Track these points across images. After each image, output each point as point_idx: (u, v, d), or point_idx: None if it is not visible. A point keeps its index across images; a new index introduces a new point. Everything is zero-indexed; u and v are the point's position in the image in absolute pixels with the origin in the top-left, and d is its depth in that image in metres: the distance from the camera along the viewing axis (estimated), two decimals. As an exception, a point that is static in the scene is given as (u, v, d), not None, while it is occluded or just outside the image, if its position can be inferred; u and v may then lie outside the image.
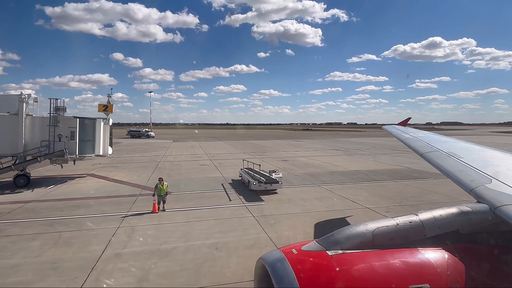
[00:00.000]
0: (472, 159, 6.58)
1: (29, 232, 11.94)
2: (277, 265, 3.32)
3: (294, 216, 13.68)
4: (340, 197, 17.11)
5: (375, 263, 3.43)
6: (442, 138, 9.84)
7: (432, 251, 3.66)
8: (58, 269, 8.88)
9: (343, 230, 3.74)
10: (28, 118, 20.63)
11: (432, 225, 3.83)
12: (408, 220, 3.82)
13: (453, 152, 7.26)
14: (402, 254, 3.58)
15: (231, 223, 12.79)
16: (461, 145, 8.69)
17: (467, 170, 5.88)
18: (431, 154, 7.61)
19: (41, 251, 10.13)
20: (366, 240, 3.60)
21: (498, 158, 6.97)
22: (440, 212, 3.94)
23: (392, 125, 14.61)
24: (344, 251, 3.48)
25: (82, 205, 15.79)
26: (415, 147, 8.95)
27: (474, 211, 4.03)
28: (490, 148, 7.98)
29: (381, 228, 3.70)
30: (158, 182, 14.73)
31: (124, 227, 12.37)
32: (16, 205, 15.90)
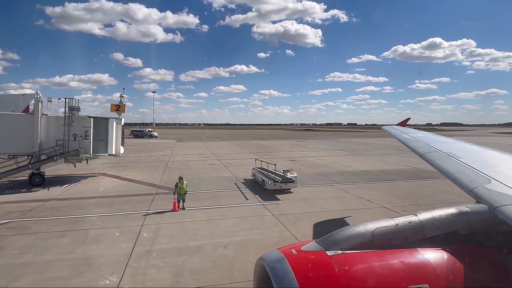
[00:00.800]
0: (471, 159, 6.61)
1: (55, 229, 12.13)
2: (277, 265, 3.33)
3: (314, 215, 13.88)
4: (355, 196, 17.32)
5: (375, 263, 3.44)
6: (441, 139, 9.87)
7: (431, 251, 3.67)
8: (93, 265, 9.08)
9: (342, 230, 3.75)
10: (43, 117, 20.83)
11: (432, 225, 3.83)
12: (408, 220, 3.83)
13: (452, 152, 7.30)
14: (401, 254, 3.59)
15: (253, 222, 12.99)
16: (460, 145, 8.73)
17: (466, 170, 5.90)
18: (430, 155, 7.65)
19: (72, 248, 10.33)
20: (365, 241, 3.60)
21: (497, 159, 7.01)
22: (439, 213, 3.95)
23: (391, 125, 14.67)
24: (344, 251, 3.49)
25: (102, 204, 15.99)
26: (414, 147, 8.98)
27: (473, 211, 4.04)
28: (489, 149, 8.02)
29: (380, 228, 3.70)
30: (178, 181, 14.91)
31: (148, 225, 12.56)
32: (36, 203, 16.09)
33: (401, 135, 11.09)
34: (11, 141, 20.14)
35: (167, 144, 61.71)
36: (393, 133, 12.16)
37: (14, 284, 7.99)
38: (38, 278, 8.33)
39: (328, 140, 76.02)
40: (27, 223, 12.99)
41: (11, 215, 13.99)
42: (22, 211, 14.68)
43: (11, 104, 21.71)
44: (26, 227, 12.48)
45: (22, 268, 8.86)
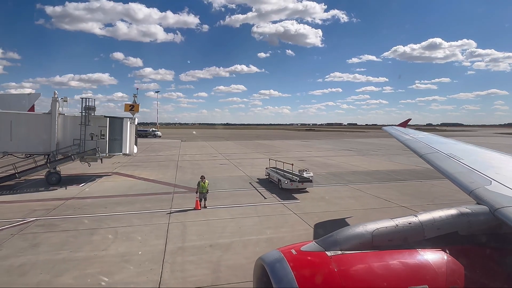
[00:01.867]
0: (472, 160, 6.61)
1: (84, 227, 12.35)
2: (276, 265, 3.33)
3: (335, 213, 14.10)
4: (372, 196, 17.54)
5: (374, 264, 3.44)
6: (442, 140, 9.89)
7: (431, 252, 3.67)
8: (130, 261, 9.29)
9: (342, 230, 3.76)
10: (60, 117, 21.04)
11: (432, 226, 3.83)
12: (408, 221, 3.84)
13: (453, 153, 7.30)
14: (401, 255, 3.59)
15: (277, 220, 13.21)
16: (460, 146, 8.73)
17: (466, 171, 5.90)
18: (431, 156, 7.65)
19: (105, 245, 10.55)
20: (365, 241, 3.61)
21: (498, 160, 7.00)
22: (439, 214, 3.96)
23: (392, 126, 14.73)
24: (343, 251, 3.49)
25: (123, 202, 16.21)
26: (415, 148, 9.00)
27: (474, 212, 4.05)
28: (490, 150, 8.01)
29: (380, 229, 3.71)
30: (200, 180, 15.14)
31: (174, 223, 12.78)
32: (58, 202, 16.31)
33: (401, 135, 11.13)
34: (29, 141, 20.38)
35: (172, 143, 61.89)
36: (394, 133, 12.19)
37: (59, 280, 8.21)
38: (80, 273, 8.55)
39: (331, 140, 76.24)
40: (54, 221, 13.21)
41: (36, 213, 14.20)
42: (47, 209, 14.89)
43: (16, 103, 21.91)
44: (54, 225, 12.70)
45: (62, 264, 9.08)
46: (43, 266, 8.96)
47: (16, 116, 20.16)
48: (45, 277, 8.31)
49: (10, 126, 19.76)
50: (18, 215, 13.89)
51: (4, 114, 19.89)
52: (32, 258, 9.51)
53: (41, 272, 8.58)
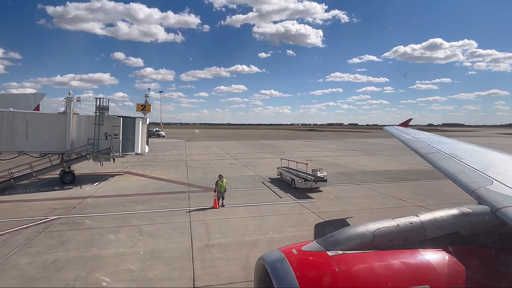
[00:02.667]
0: (473, 160, 6.59)
1: (107, 225, 12.53)
2: (277, 265, 3.33)
3: (353, 212, 14.27)
4: (385, 195, 17.72)
5: (375, 264, 3.44)
6: (443, 140, 9.89)
7: (432, 252, 3.67)
8: (160, 258, 9.47)
9: (343, 230, 3.76)
10: (74, 116, 21.24)
11: (433, 226, 3.83)
12: (409, 221, 3.84)
13: (454, 153, 7.27)
14: (402, 255, 3.58)
15: (296, 219, 13.38)
16: (462, 146, 8.74)
17: (468, 171, 5.88)
18: (432, 155, 7.63)
19: (132, 242, 10.73)
20: (366, 241, 3.60)
21: (499, 160, 7.00)
22: (440, 214, 3.96)
23: (393, 126, 14.77)
24: (344, 251, 3.48)
25: (141, 201, 16.39)
26: (416, 148, 9.03)
27: (475, 212, 4.05)
28: (491, 150, 8.02)
29: (381, 229, 3.70)
30: (218, 179, 15.33)
31: (196, 221, 12.95)
32: (76, 200, 16.50)
33: (403, 135, 11.15)
34: (44, 140, 20.58)
35: (177, 143, 62.10)
36: (395, 133, 12.20)
37: (94, 276, 8.39)
38: (114, 270, 8.73)
39: (335, 140, 76.39)
40: (76, 219, 13.40)
41: (57, 212, 14.39)
42: (66, 208, 15.08)
43: (22, 103, 21.98)
44: (77, 223, 12.88)
45: (94, 260, 9.27)
46: (75, 262, 9.14)
47: (32, 116, 20.38)
48: (80, 273, 8.49)
49: (26, 125, 19.97)
50: (40, 214, 14.08)
51: (20, 113, 20.10)
52: (63, 255, 9.70)
53: (75, 268, 8.76)
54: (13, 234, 11.56)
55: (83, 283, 7.97)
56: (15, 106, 20.95)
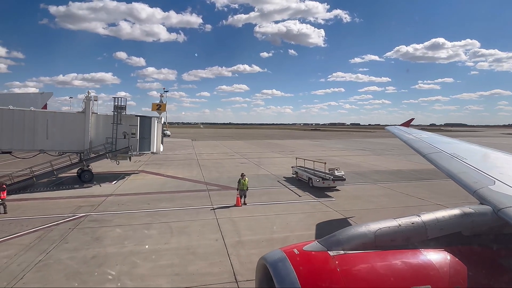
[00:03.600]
0: (475, 160, 6.57)
1: (136, 222, 12.78)
2: (279, 265, 3.32)
3: (375, 211, 14.46)
4: (403, 194, 17.90)
5: (377, 264, 3.43)
6: (445, 139, 9.86)
7: (434, 252, 3.66)
8: (196, 254, 9.71)
9: (345, 230, 3.75)
10: (93, 116, 21.52)
11: (435, 226, 3.82)
12: (411, 221, 3.83)
13: (456, 153, 7.24)
14: (404, 255, 3.57)
15: (320, 217, 13.59)
16: (464, 146, 8.69)
17: (470, 171, 5.85)
18: (434, 155, 7.61)
19: (166, 239, 10.98)
20: (368, 241, 3.59)
21: (501, 160, 6.97)
22: (442, 214, 3.94)
23: (395, 126, 14.80)
24: (346, 251, 3.48)
25: (163, 199, 16.65)
26: (418, 148, 9.00)
27: (477, 212, 4.02)
28: (493, 150, 7.98)
29: (383, 229, 3.70)
30: (241, 177, 15.57)
31: (222, 219, 13.19)
32: (99, 198, 16.78)
33: (404, 135, 11.14)
34: (64, 139, 20.87)
35: (184, 142, 62.36)
36: (397, 133, 12.20)
37: (136, 271, 8.63)
38: (154, 265, 8.97)
39: (341, 140, 76.50)
40: (105, 216, 13.66)
41: (83, 209, 14.67)
42: (91, 205, 15.35)
43: (30, 102, 22.20)
44: (106, 220, 13.14)
45: (132, 256, 9.52)
46: (114, 258, 9.39)
47: (52, 115, 20.68)
48: (123, 268, 8.74)
49: (47, 125, 20.27)
50: (67, 211, 14.35)
51: (41, 113, 20.42)
52: (101, 250, 9.96)
53: (116, 264, 9.02)
54: (47, 230, 11.84)
55: (128, 278, 8.21)
56: (23, 105, 21.07)
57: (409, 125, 14.50)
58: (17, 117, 19.72)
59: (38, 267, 8.78)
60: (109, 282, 7.99)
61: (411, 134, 11.07)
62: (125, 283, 7.94)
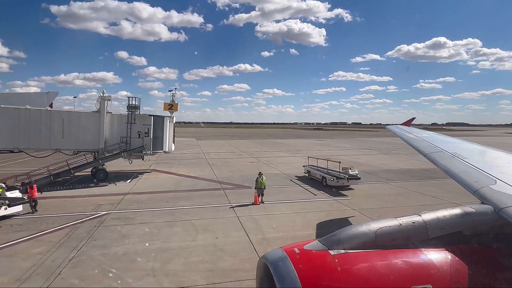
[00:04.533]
0: (476, 160, 6.57)
1: (159, 220, 12.98)
2: (279, 264, 3.32)
3: (393, 209, 14.62)
4: (417, 193, 18.06)
5: (378, 263, 3.43)
6: (447, 139, 9.86)
7: (435, 252, 3.66)
8: (225, 251, 9.91)
9: (345, 229, 3.75)
10: (108, 115, 21.75)
11: (435, 225, 3.82)
12: (411, 220, 3.83)
13: (457, 153, 7.22)
14: (404, 254, 3.57)
15: (340, 215, 13.77)
16: (465, 146, 8.71)
17: (471, 171, 5.84)
18: (435, 155, 7.61)
19: (191, 236, 11.17)
20: (368, 240, 3.60)
21: (503, 159, 6.98)
22: (443, 213, 3.95)
23: (396, 125, 14.83)
24: (347, 250, 3.48)
25: (181, 197, 16.87)
26: (419, 147, 8.98)
27: (478, 212, 4.03)
28: (494, 149, 8.00)
29: (383, 228, 3.70)
30: (258, 176, 15.76)
31: (243, 217, 13.38)
32: (117, 197, 16.99)
33: (405, 134, 11.18)
34: (79, 138, 21.12)
35: (189, 142, 62.60)
36: (398, 132, 12.22)
37: (169, 266, 8.83)
38: (185, 261, 9.17)
39: (345, 139, 76.63)
40: (127, 214, 13.87)
41: (104, 207, 14.87)
42: (111, 203, 15.56)
43: (36, 102, 22.47)
44: (129, 218, 13.35)
45: (162, 253, 9.72)
46: (145, 254, 9.60)
47: (68, 115, 20.92)
48: (156, 265, 8.94)
49: (62, 124, 20.51)
50: (88, 209, 14.57)
51: (57, 112, 20.66)
52: (130, 247, 10.17)
53: (148, 260, 9.22)
54: (72, 228, 12.05)
55: (163, 274, 8.41)
56: (30, 105, 21.19)
57: (410, 124, 14.59)
58: (34, 117, 19.96)
59: (72, 263, 8.99)
60: (147, 278, 8.19)
61: (412, 133, 11.18)
62: (161, 279, 8.13)
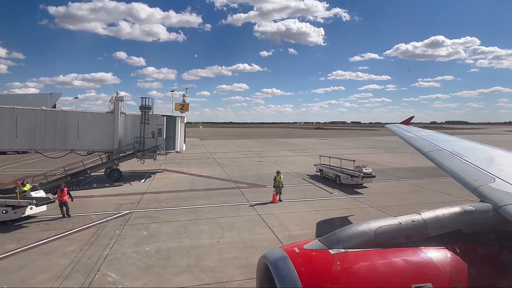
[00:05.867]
0: (475, 158, 6.55)
1: (183, 218, 13.19)
2: (279, 264, 3.32)
3: (411, 207, 14.84)
4: (432, 190, 18.31)
5: (378, 262, 3.44)
6: (445, 137, 9.86)
7: (434, 250, 3.66)
8: (255, 247, 10.12)
9: (345, 229, 3.77)
10: (121, 115, 21.92)
11: (435, 224, 3.82)
12: (411, 219, 3.83)
13: (456, 151, 7.22)
14: (404, 253, 3.58)
15: (360, 212, 14.01)
16: (464, 144, 8.71)
17: (470, 169, 5.82)
18: (434, 153, 7.61)
19: (218, 234, 11.38)
20: (368, 239, 3.60)
21: (502, 157, 6.99)
22: (443, 211, 3.94)
23: (395, 124, 14.91)
24: (347, 250, 3.49)
25: (199, 196, 17.08)
26: (418, 146, 9.00)
27: (477, 210, 4.02)
28: (493, 147, 8.00)
29: (383, 227, 3.70)
30: (276, 175, 15.98)
31: (265, 214, 13.60)
32: (135, 196, 17.19)
33: (404, 133, 11.21)
34: (93, 138, 21.30)
35: (193, 142, 62.64)
36: (397, 131, 12.25)
37: (203, 263, 9.04)
38: (219, 257, 9.39)
39: (348, 138, 76.97)
40: (149, 213, 14.07)
41: (125, 207, 15.07)
42: (131, 203, 15.76)
43: (40, 102, 22.59)
44: (152, 216, 13.55)
45: (194, 249, 9.93)
46: (178, 251, 9.81)
47: (83, 115, 21.09)
48: (190, 261, 9.15)
49: (78, 124, 20.68)
50: (109, 208, 14.76)
51: (72, 113, 20.83)
52: (161, 245, 10.37)
53: (182, 257, 9.43)
54: (99, 227, 12.25)
55: (200, 270, 8.61)
56: (34, 106, 21.22)
57: (409, 123, 14.69)
58: (50, 118, 20.13)
59: (108, 261, 9.19)
60: (185, 274, 8.39)
61: (411, 132, 11.24)
62: (199, 275, 8.33)
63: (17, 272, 8.58)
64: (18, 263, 9.12)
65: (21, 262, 9.18)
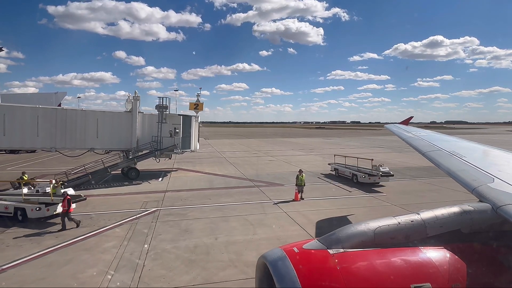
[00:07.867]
0: (474, 158, 6.57)
1: (212, 215, 13.47)
2: (278, 264, 3.33)
3: (432, 205, 15.01)
4: (448, 189, 18.52)
5: (377, 262, 3.45)
6: (445, 137, 9.89)
7: (433, 250, 3.68)
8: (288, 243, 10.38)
9: (344, 228, 3.78)
10: (139, 115, 22.18)
11: (434, 224, 3.83)
12: (410, 219, 3.85)
13: (455, 151, 7.21)
14: (403, 253, 3.60)
15: (383, 210, 14.30)
16: (463, 144, 8.77)
17: (469, 169, 5.83)
18: (433, 153, 7.62)
19: (249, 230, 11.66)
20: (367, 239, 3.61)
21: (501, 158, 7.02)
22: (442, 211, 3.96)
23: (394, 124, 15.01)
24: (346, 249, 3.49)
25: (221, 194, 17.35)
26: (417, 146, 9.02)
27: (476, 210, 4.03)
28: (492, 147, 8.04)
29: (382, 227, 3.72)
30: (299, 173, 16.26)
31: (290, 212, 13.88)
32: (157, 194, 17.46)
33: (404, 133, 11.24)
34: (112, 138, 21.56)
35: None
36: (396, 131, 12.28)
37: (243, 258, 9.32)
38: (257, 253, 9.40)
39: (352, 137, 77.29)
40: (177, 210, 14.34)
41: (150, 204, 15.33)
42: (155, 201, 16.03)
43: (45, 102, 22.88)
44: (181, 213, 13.83)
45: (231, 245, 10.21)
46: (215, 247, 10.08)
47: (101, 115, 21.34)
48: (230, 256, 9.43)
49: (97, 124, 20.93)
50: (135, 206, 15.02)
51: (91, 112, 21.08)
52: (198, 241, 10.63)
53: (222, 252, 9.71)
54: (130, 224, 12.51)
55: (243, 264, 8.89)
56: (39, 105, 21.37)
57: (408, 123, 14.85)
58: (70, 117, 20.38)
59: (151, 256, 9.46)
60: (229, 269, 8.67)
61: (410, 132, 11.33)
62: (244, 269, 8.61)
63: (65, 267, 8.84)
64: (63, 258, 9.39)
65: (66, 257, 9.44)
